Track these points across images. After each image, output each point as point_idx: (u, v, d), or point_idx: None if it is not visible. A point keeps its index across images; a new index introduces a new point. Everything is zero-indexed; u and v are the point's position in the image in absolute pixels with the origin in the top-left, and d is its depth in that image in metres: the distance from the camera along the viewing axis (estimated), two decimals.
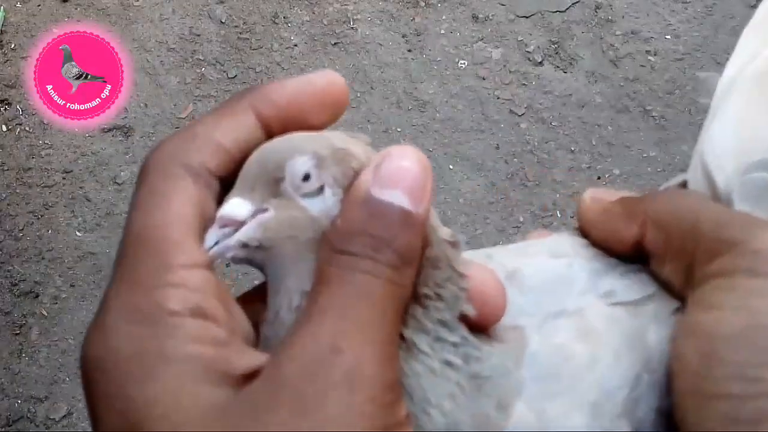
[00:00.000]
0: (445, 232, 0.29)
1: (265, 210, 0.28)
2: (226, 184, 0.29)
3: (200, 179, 0.28)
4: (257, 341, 0.28)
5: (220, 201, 0.29)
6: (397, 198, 0.26)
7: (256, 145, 0.29)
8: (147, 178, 0.28)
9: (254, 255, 0.28)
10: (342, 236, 0.26)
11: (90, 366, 0.25)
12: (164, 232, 0.26)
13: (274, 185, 0.28)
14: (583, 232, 0.34)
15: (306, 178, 0.28)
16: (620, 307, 0.30)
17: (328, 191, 0.28)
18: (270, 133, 0.29)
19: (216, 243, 0.28)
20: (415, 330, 0.28)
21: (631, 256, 0.32)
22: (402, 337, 0.27)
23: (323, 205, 0.28)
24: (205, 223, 0.28)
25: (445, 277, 0.28)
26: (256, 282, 0.31)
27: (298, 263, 0.28)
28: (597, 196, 0.34)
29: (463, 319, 0.28)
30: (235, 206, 0.28)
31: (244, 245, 0.28)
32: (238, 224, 0.28)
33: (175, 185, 0.27)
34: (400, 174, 0.27)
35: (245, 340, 0.27)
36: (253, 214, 0.28)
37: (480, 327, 0.29)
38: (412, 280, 0.27)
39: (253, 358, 0.25)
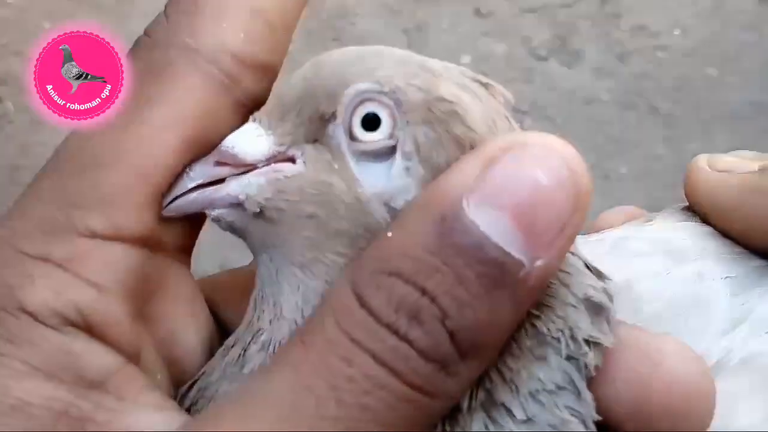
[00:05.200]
0: (585, 284, 0.17)
1: (290, 158, 0.17)
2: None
3: (213, 71, 0.17)
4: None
5: (250, 109, 0.18)
6: (500, 230, 0.14)
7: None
8: (129, 68, 0.17)
9: (247, 225, 0.18)
10: (376, 270, 0.14)
11: None
12: (108, 167, 0.16)
13: (317, 123, 0.17)
14: (705, 217, 0.22)
15: (371, 123, 0.17)
16: None
17: (399, 161, 0.17)
18: None
19: (197, 187, 0.17)
20: None
21: None
22: None
23: (385, 182, 0.17)
24: (201, 151, 0.17)
25: (547, 377, 0.16)
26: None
27: (310, 265, 0.17)
28: (720, 166, 0.22)
29: None
30: (248, 138, 0.17)
31: (237, 205, 0.17)
32: (244, 167, 0.18)
33: (174, 81, 0.17)
34: (522, 187, 0.15)
35: (177, 373, 0.17)
36: (270, 159, 0.17)
37: None
38: (468, 385, 0.15)
39: (149, 421, 0.15)
